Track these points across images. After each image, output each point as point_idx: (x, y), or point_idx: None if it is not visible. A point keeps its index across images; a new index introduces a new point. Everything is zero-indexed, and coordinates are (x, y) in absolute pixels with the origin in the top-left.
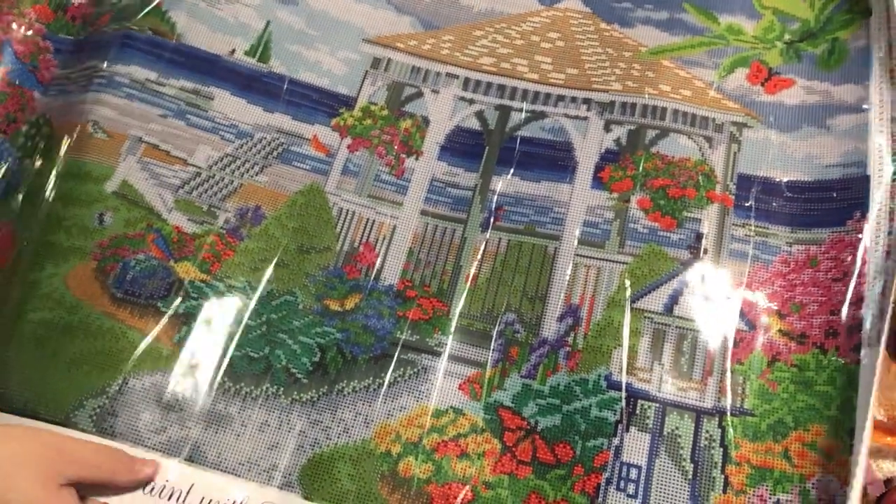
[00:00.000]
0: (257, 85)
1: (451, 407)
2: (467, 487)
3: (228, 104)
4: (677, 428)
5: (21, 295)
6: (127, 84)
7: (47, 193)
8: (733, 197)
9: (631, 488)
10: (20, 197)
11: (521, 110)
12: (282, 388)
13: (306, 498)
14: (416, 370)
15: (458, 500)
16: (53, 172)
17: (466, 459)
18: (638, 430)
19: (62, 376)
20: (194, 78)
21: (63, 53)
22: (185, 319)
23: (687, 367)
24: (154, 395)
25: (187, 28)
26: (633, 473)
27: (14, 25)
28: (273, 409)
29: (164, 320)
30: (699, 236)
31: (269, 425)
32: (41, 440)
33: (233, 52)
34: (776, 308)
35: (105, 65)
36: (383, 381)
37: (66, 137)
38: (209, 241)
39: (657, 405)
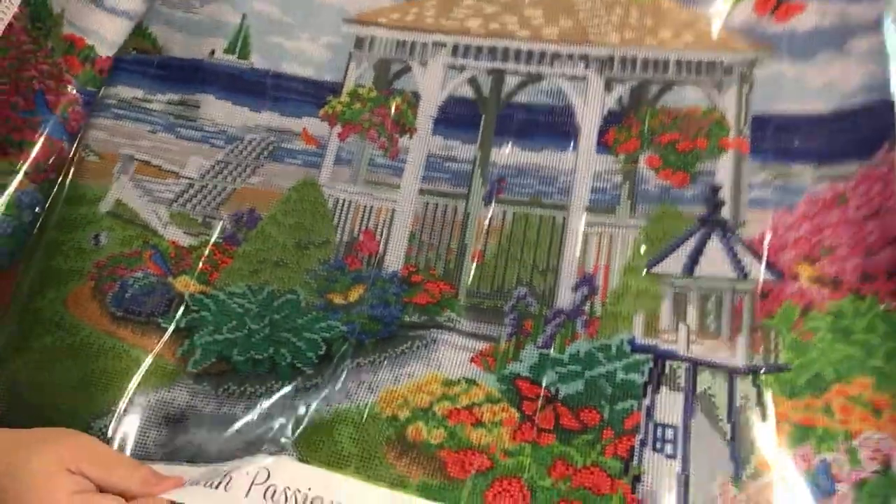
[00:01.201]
0: (241, 84)
1: (464, 378)
2: (484, 455)
3: (215, 109)
4: (710, 387)
5: (25, 323)
6: (115, 105)
7: (45, 219)
8: (748, 140)
9: (668, 448)
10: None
11: (515, 73)
12: (287, 382)
13: (301, 460)
14: (425, 342)
15: (475, 466)
16: (47, 198)
17: (482, 428)
18: (669, 389)
19: (68, 399)
20: (179, 89)
21: (89, 105)
22: (188, 333)
23: (714, 326)
24: (160, 411)
25: (167, 39)
26: (669, 434)
27: (46, 76)
28: (277, 401)
29: (166, 336)
30: (715, 189)
31: (271, 414)
32: (68, 434)
33: (213, 52)
34: (804, 253)
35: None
36: (391, 354)
37: (65, 167)
38: (206, 252)
39: (687, 365)
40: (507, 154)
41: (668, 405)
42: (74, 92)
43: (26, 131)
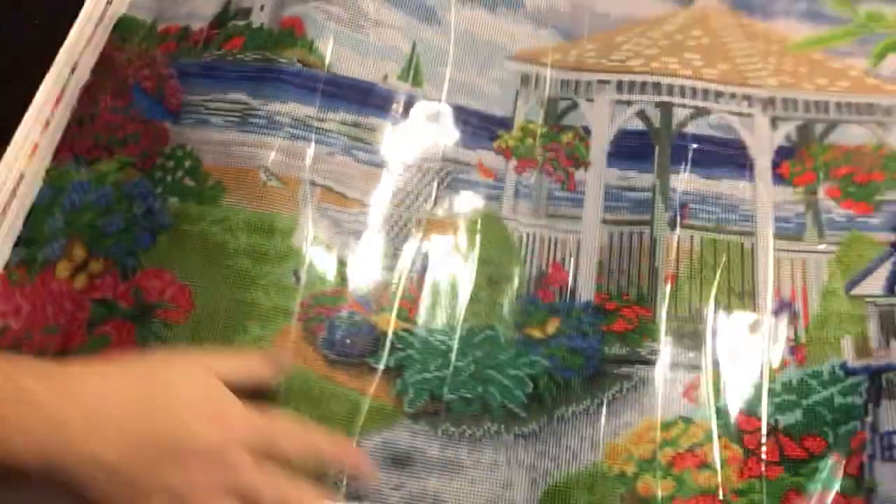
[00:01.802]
0: (414, 113)
1: (680, 416)
2: (716, 499)
3: (391, 135)
4: None
5: None
6: (289, 124)
7: (224, 245)
8: None
9: None
10: (169, 243)
11: (683, 106)
12: (502, 425)
13: None
14: (633, 383)
15: None
16: (218, 218)
17: (708, 469)
18: (889, 399)
19: None
20: (353, 109)
21: (188, 77)
22: (398, 372)
23: None
24: (387, 453)
25: (336, 56)
26: None
27: (139, 67)
28: (499, 447)
29: (378, 376)
30: None
31: (498, 464)
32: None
33: (385, 77)
34: None
35: (257, 102)
36: (602, 401)
37: (233, 183)
38: (402, 286)
39: None
40: (686, 181)
41: (892, 414)
42: (168, 69)
43: (128, 125)
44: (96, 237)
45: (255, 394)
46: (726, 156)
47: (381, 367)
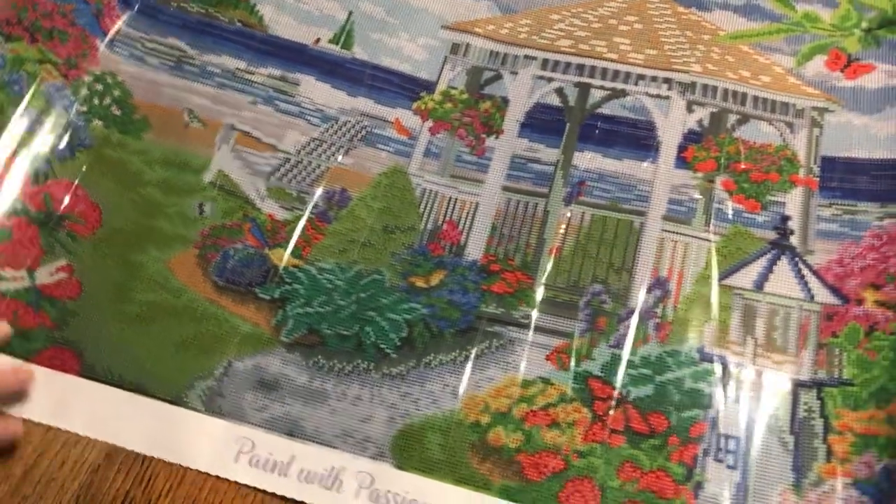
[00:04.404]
0: (341, 71)
1: (540, 377)
2: (558, 456)
3: (314, 89)
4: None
5: (125, 275)
6: (219, 74)
7: (140, 174)
8: (818, 179)
9: (730, 459)
10: (88, 162)
11: (601, 87)
12: (372, 364)
13: (398, 467)
14: (502, 342)
15: (549, 468)
16: (137, 150)
17: (556, 429)
18: (734, 401)
19: (171, 357)
20: (281, 66)
21: (128, 8)
22: (282, 303)
23: (781, 341)
24: (256, 376)
25: (274, 20)
26: (732, 445)
27: None
28: (365, 384)
29: (263, 306)
30: (784, 218)
31: (361, 399)
32: None
33: (317, 41)
34: (870, 281)
35: (194, 52)
36: (470, 354)
37: (158, 120)
38: (300, 227)
39: (752, 377)
40: (588, 159)
41: (733, 416)
42: None
43: (57, 18)
44: (3, 123)
45: None
46: (634, 136)
47: (267, 297)
